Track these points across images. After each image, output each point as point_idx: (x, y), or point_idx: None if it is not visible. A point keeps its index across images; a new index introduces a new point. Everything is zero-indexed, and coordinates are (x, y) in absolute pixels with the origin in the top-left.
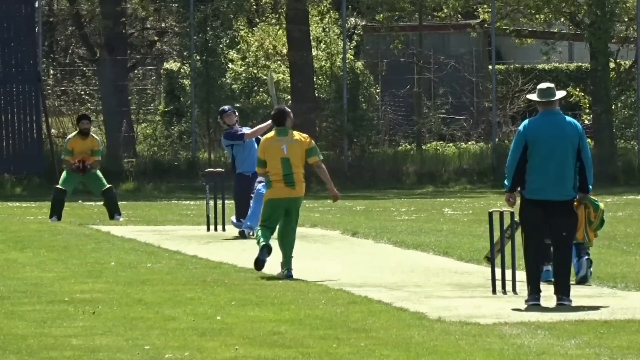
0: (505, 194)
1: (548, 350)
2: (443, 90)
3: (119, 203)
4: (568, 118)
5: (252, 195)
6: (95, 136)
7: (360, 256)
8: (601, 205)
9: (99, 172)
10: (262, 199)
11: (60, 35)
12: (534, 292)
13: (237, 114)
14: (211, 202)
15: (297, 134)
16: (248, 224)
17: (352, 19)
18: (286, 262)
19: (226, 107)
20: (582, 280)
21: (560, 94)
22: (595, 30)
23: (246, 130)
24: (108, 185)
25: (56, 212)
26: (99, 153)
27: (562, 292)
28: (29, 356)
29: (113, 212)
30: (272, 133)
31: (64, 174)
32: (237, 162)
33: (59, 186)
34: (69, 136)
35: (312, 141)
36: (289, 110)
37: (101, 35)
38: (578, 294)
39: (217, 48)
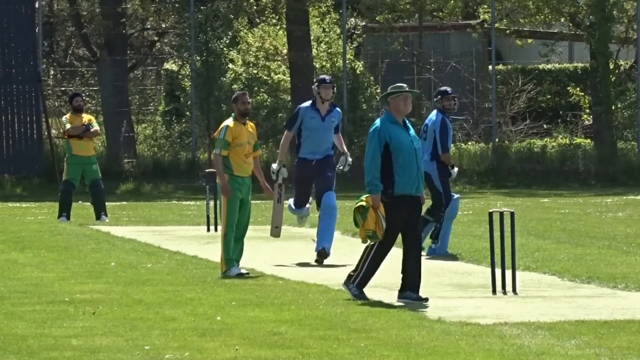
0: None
1: (548, 351)
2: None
3: (118, 203)
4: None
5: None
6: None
7: None
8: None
9: (97, 165)
10: (335, 215)
11: (60, 36)
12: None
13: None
14: (211, 203)
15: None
16: (325, 245)
17: (352, 19)
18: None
19: (327, 78)
20: None
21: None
22: (595, 30)
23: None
24: (99, 177)
25: (65, 210)
26: (97, 124)
27: (417, 289)
28: (29, 356)
29: (100, 212)
30: None
31: (65, 168)
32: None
33: (65, 179)
34: (65, 116)
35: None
36: None
37: (101, 36)
38: (578, 294)
39: (217, 48)
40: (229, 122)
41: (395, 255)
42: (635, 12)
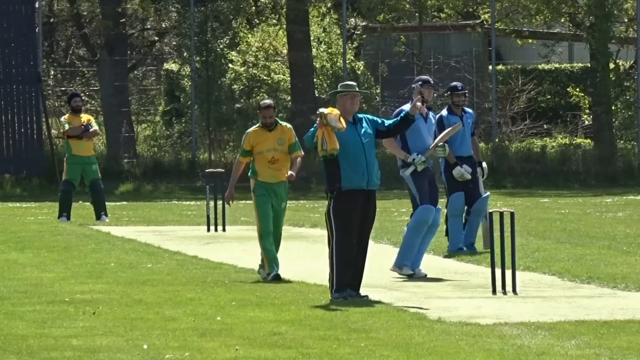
0: None
1: (548, 351)
2: (443, 91)
3: (118, 203)
4: None
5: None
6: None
7: None
8: None
9: (97, 165)
10: (421, 229)
11: (60, 36)
12: (344, 289)
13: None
14: (211, 203)
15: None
16: (400, 263)
17: (353, 19)
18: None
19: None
20: None
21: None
22: (595, 31)
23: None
24: (99, 177)
25: (65, 210)
26: (96, 124)
27: (358, 287)
28: (29, 356)
29: (100, 212)
30: None
31: (65, 168)
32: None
33: (65, 179)
34: (64, 116)
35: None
36: None
37: (101, 36)
38: (578, 294)
39: (217, 48)
40: (252, 128)
41: (392, 255)
42: (635, 12)
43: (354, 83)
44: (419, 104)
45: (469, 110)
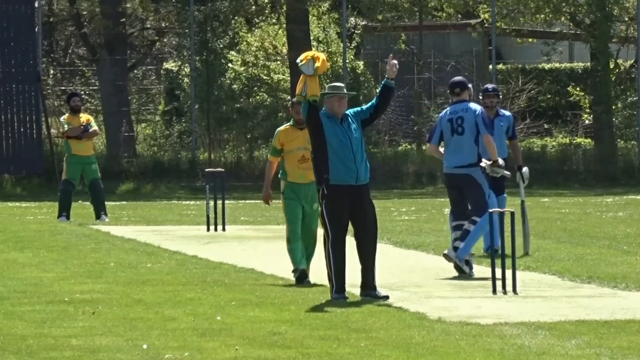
0: None
1: (548, 351)
2: (443, 90)
3: (118, 203)
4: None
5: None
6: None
7: None
8: None
9: (96, 165)
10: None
11: (60, 35)
12: (344, 289)
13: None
14: (211, 203)
15: None
16: (461, 255)
17: (352, 19)
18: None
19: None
20: None
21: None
22: (595, 30)
23: None
24: (99, 177)
25: (65, 210)
26: (95, 124)
27: (374, 287)
28: (28, 356)
29: (99, 211)
30: None
31: (65, 167)
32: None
33: (65, 178)
34: (63, 116)
35: None
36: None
37: (101, 35)
38: (578, 294)
39: (217, 48)
40: (282, 127)
41: (392, 255)
42: (636, 12)
43: (342, 85)
44: (394, 61)
45: (505, 112)
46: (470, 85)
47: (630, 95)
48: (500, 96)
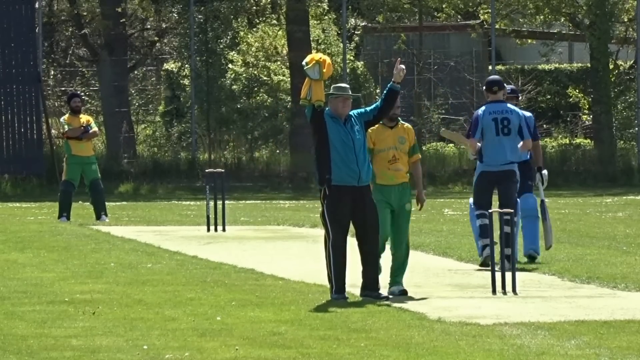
0: None
1: (548, 351)
2: (443, 91)
3: (118, 203)
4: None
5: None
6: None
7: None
8: None
9: (97, 165)
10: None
11: (60, 36)
12: (344, 289)
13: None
14: (211, 203)
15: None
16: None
17: (352, 19)
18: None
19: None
20: None
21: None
22: (595, 30)
23: None
24: (99, 177)
25: (65, 210)
26: (96, 125)
27: (376, 286)
28: (29, 356)
29: (100, 212)
30: None
31: (65, 168)
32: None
33: (65, 179)
34: (63, 117)
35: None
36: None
37: (101, 36)
38: (578, 294)
39: (217, 48)
40: (374, 126)
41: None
42: (635, 12)
43: (347, 85)
44: (401, 66)
45: (526, 113)
46: (505, 85)
47: (630, 95)
48: (520, 97)
